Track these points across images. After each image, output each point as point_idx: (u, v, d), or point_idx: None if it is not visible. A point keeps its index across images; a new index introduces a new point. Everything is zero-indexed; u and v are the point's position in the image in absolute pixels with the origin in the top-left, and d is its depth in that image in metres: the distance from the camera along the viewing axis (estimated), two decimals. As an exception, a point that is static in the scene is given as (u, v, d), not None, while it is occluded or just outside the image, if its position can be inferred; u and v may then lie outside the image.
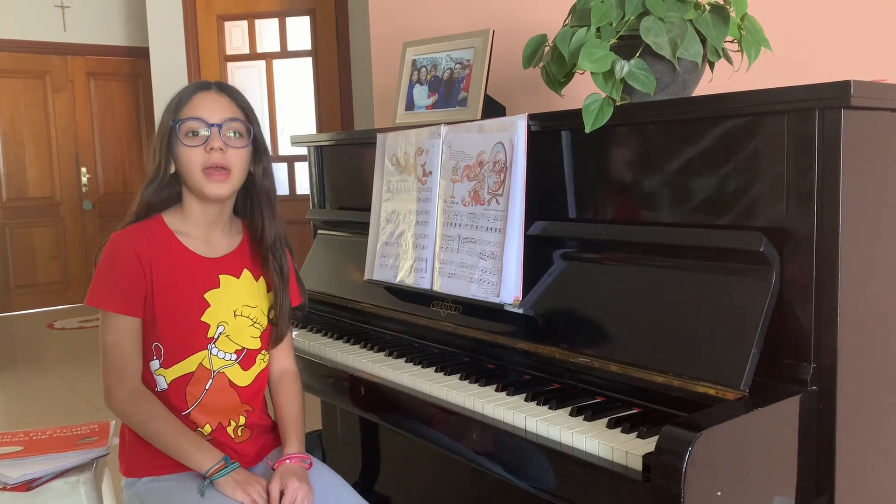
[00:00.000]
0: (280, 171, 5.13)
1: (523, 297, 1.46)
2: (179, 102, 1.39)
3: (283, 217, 1.51)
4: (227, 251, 1.46)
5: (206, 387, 1.40)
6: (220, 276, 1.43)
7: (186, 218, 1.43)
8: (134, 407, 1.35)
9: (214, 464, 1.31)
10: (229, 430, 1.42)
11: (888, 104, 1.13)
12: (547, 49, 1.53)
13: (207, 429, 1.40)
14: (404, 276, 1.69)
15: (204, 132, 1.37)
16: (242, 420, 1.45)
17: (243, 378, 1.44)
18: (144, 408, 1.35)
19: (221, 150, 1.36)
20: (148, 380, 1.39)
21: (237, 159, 1.39)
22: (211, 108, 1.38)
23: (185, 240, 1.42)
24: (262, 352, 1.49)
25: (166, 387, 1.39)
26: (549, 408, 1.27)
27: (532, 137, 1.47)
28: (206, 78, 4.84)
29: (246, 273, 1.46)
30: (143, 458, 1.39)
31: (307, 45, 5.01)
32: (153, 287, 1.36)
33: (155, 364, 1.39)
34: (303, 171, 4.98)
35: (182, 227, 1.43)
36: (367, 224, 1.84)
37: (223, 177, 1.37)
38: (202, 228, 1.44)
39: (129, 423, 1.39)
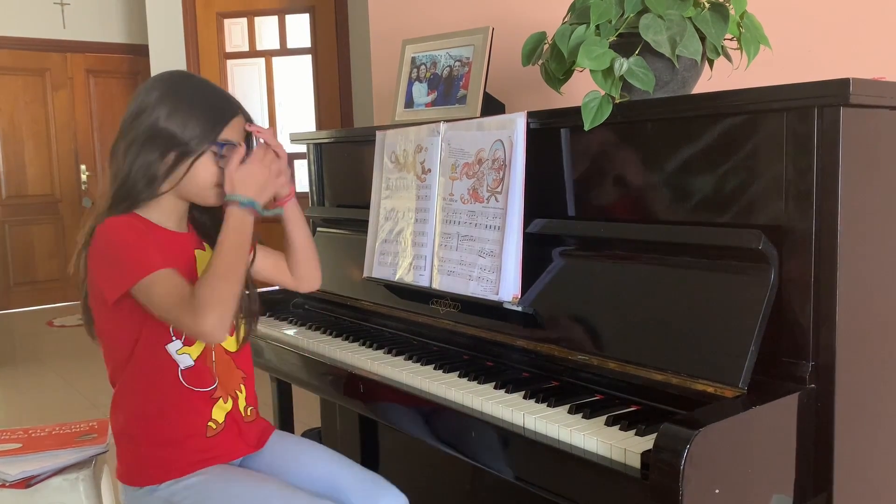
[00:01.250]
0: (280, 168, 5.13)
1: (522, 294, 1.46)
2: (219, 119, 1.38)
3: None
4: (188, 230, 1.47)
5: (213, 358, 1.42)
6: (196, 252, 1.44)
7: (162, 211, 1.41)
8: (209, 301, 1.24)
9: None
10: (240, 405, 1.44)
11: (887, 102, 1.13)
12: (546, 47, 1.53)
13: (229, 404, 1.41)
14: (403, 273, 1.69)
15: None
16: (243, 389, 1.46)
17: (231, 343, 1.46)
18: (206, 288, 1.25)
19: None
20: (169, 364, 1.36)
21: None
22: (237, 132, 1.41)
23: (163, 225, 1.42)
24: (240, 315, 1.45)
25: (192, 363, 1.37)
26: (548, 405, 1.27)
27: (531, 135, 1.47)
28: (206, 75, 4.86)
29: (207, 246, 1.47)
30: (161, 461, 1.36)
31: (307, 43, 5.01)
32: None
33: (177, 344, 1.36)
34: (302, 169, 4.97)
35: (158, 217, 1.41)
36: (367, 222, 1.84)
37: None
38: (175, 217, 1.44)
39: (232, 308, 1.28)
